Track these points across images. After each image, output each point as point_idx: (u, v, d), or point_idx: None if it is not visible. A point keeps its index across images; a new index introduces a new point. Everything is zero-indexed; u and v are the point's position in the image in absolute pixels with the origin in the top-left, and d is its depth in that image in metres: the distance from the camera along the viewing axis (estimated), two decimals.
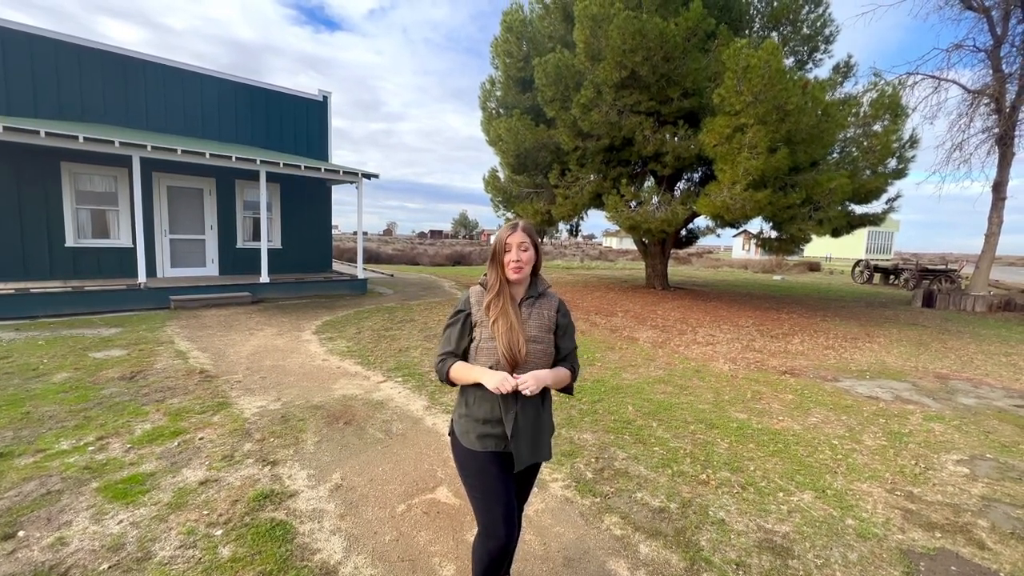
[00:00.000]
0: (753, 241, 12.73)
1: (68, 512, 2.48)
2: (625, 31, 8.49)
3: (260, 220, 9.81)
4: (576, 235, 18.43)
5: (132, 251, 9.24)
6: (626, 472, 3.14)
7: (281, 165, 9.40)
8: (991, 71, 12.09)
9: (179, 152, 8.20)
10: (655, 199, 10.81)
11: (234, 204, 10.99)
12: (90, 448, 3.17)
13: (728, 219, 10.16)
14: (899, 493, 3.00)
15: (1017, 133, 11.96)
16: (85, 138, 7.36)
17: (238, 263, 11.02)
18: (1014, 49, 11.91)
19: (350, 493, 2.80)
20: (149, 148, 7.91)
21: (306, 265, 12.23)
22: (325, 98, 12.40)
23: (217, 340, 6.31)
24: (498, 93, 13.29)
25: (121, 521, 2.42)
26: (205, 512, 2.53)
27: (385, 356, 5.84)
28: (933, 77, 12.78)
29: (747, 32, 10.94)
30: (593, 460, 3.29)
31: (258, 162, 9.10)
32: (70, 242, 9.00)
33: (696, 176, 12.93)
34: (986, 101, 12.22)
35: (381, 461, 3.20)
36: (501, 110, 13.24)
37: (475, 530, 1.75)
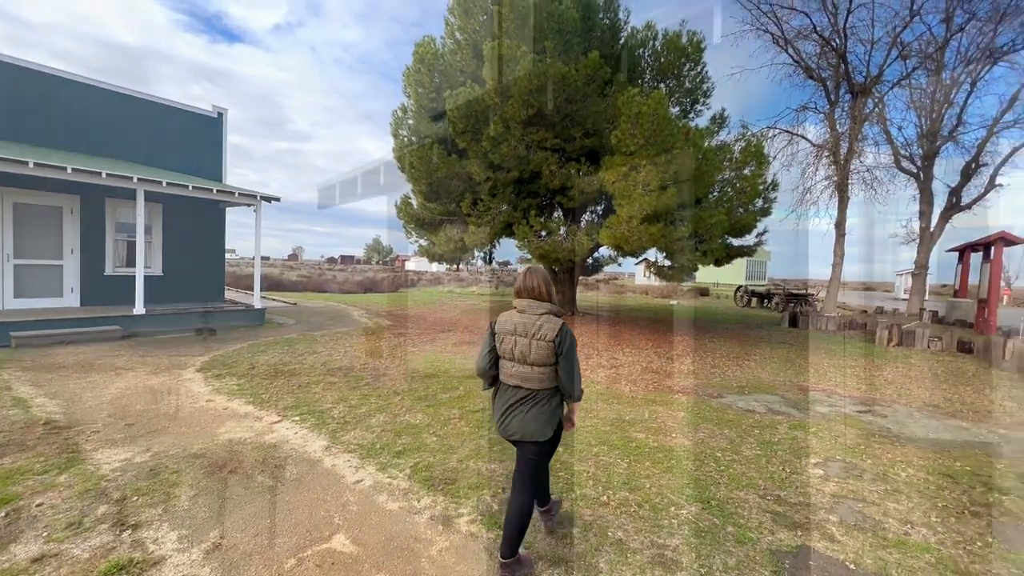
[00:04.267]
0: (651, 269, 13.85)
1: None
2: (531, 72, 9.03)
3: (136, 244, 8.70)
4: (490, 262, 18.70)
5: None
6: None
7: (164, 184, 8.50)
8: (829, 129, 14.61)
9: (31, 165, 7.10)
10: (562, 230, 11.38)
11: (103, 225, 9.69)
12: None
13: (627, 250, 10.95)
14: (770, 498, 3.36)
15: (850, 181, 14.49)
16: None
17: (107, 292, 9.65)
18: (844, 113, 14.53)
19: (230, 552, 2.51)
20: None
21: (193, 294, 11.02)
22: (220, 114, 11.53)
23: (72, 383, 5.41)
24: (410, 121, 13.27)
25: None
26: None
27: (281, 393, 5.39)
28: (787, 132, 15.15)
29: (640, 82, 12.13)
30: (500, 491, 3.28)
31: (135, 179, 8.14)
32: None
33: (600, 209, 13.86)
34: (827, 154, 14.69)
35: (270, 512, 2.92)
36: (414, 138, 13.21)
37: None
